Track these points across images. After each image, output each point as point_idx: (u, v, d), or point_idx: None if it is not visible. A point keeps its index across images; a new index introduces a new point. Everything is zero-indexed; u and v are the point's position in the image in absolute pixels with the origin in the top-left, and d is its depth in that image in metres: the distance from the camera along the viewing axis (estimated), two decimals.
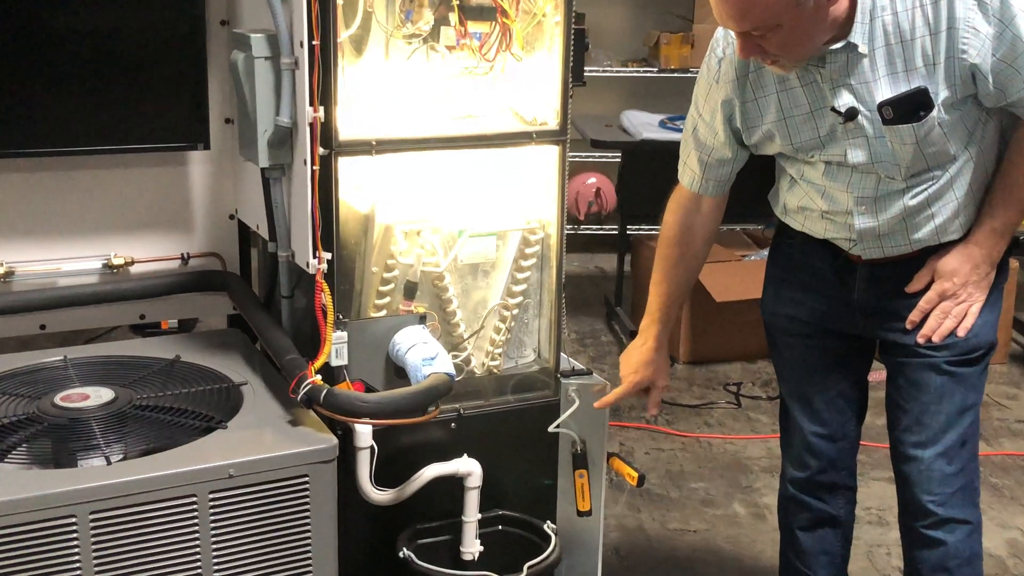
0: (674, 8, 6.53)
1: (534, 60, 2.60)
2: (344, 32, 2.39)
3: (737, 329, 5.05)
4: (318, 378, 2.35)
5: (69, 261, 2.84)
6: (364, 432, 2.42)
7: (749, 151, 2.51)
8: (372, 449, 2.44)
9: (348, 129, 2.42)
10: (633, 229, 5.70)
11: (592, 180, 6.29)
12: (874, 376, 2.63)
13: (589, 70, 5.89)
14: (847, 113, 2.25)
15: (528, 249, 2.71)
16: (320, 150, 2.38)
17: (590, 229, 6.46)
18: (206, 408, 2.44)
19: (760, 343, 2.90)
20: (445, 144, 2.55)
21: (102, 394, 2.43)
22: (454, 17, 2.46)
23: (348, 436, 2.42)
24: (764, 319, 2.68)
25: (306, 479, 2.30)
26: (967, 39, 2.15)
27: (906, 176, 2.30)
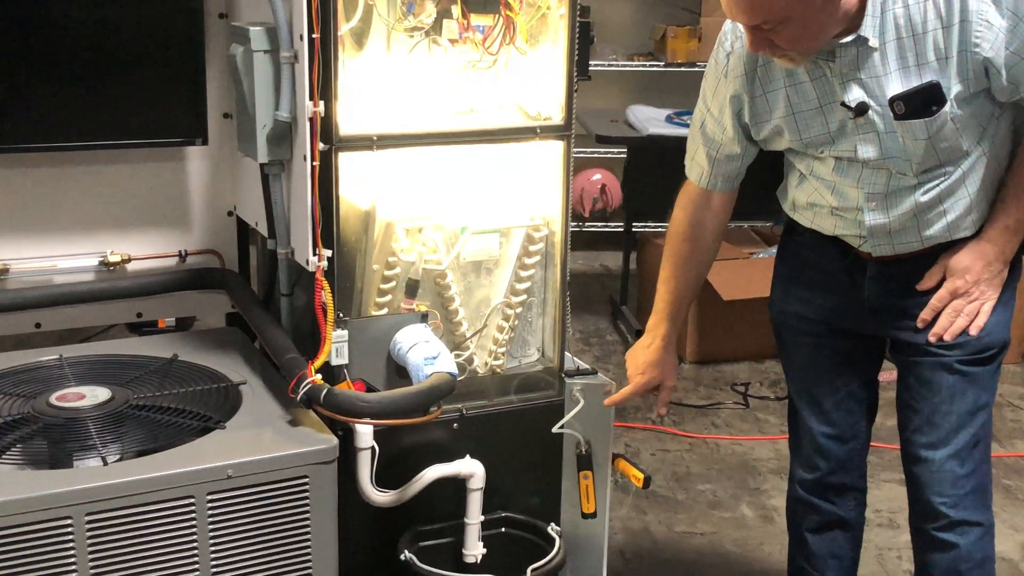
0: (681, 1, 6.52)
1: (538, 54, 2.59)
2: (344, 25, 2.39)
3: (745, 328, 5.04)
4: (318, 377, 2.35)
5: (65, 258, 2.84)
6: (365, 432, 2.42)
7: (758, 146, 2.51)
8: (373, 450, 2.44)
9: (348, 124, 2.42)
10: (639, 226, 5.69)
11: (597, 176, 6.30)
12: (884, 376, 2.63)
13: (594, 64, 5.88)
14: (857, 108, 2.25)
15: (532, 246, 2.71)
16: (320, 145, 2.38)
17: (595, 226, 6.46)
18: (204, 408, 2.44)
19: (768, 342, 2.90)
20: (447, 139, 2.55)
21: (98, 394, 2.43)
22: (457, 10, 2.46)
23: (349, 436, 2.43)
24: (772, 318, 2.68)
25: (306, 480, 2.30)
26: (980, 32, 2.15)
27: (918, 172, 2.30)
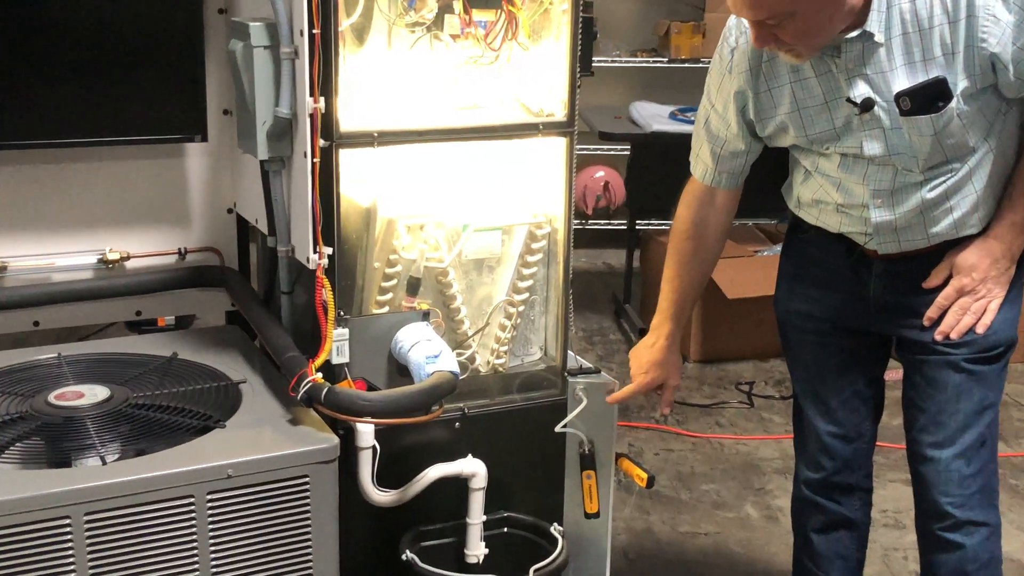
0: None
1: (541, 49, 2.59)
2: (345, 20, 2.39)
3: (749, 327, 5.04)
4: (319, 376, 2.35)
5: (63, 256, 2.84)
6: (366, 432, 2.42)
7: (763, 143, 2.50)
8: (374, 449, 2.44)
9: (349, 120, 2.42)
10: (642, 224, 5.68)
11: (600, 174, 6.28)
12: (890, 375, 2.63)
13: (597, 60, 5.88)
14: (863, 104, 2.25)
15: (534, 244, 2.71)
16: (320, 142, 2.38)
17: (598, 224, 6.45)
18: (204, 407, 2.44)
19: (773, 341, 2.90)
20: (449, 136, 2.55)
21: (97, 392, 2.43)
22: (458, 5, 2.46)
23: (350, 436, 2.43)
24: (777, 316, 2.68)
25: (306, 480, 2.30)
26: (987, 27, 2.14)
27: (924, 168, 2.29)
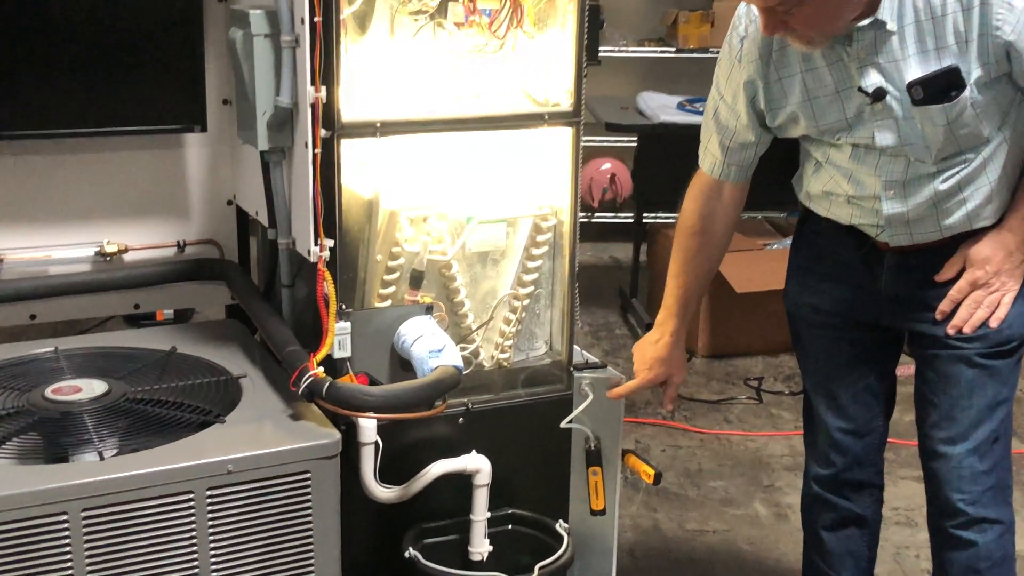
0: None
1: (546, 38, 2.59)
2: (347, 8, 2.39)
3: (758, 321, 5.04)
4: (320, 371, 2.35)
5: (60, 248, 2.84)
6: (368, 427, 2.42)
7: (772, 134, 2.50)
8: (376, 445, 2.44)
9: (351, 110, 2.42)
10: (650, 217, 5.69)
11: (607, 166, 6.29)
12: (902, 370, 2.63)
13: (604, 50, 5.88)
14: (875, 93, 2.25)
15: (540, 237, 2.71)
16: (322, 132, 2.37)
17: (604, 217, 6.46)
18: (203, 402, 2.45)
19: (782, 336, 2.90)
20: (453, 126, 2.55)
21: (95, 387, 2.43)
22: None
23: (352, 431, 2.43)
24: (787, 310, 2.68)
25: (308, 475, 2.31)
26: (1001, 15, 2.14)
27: (937, 159, 2.29)
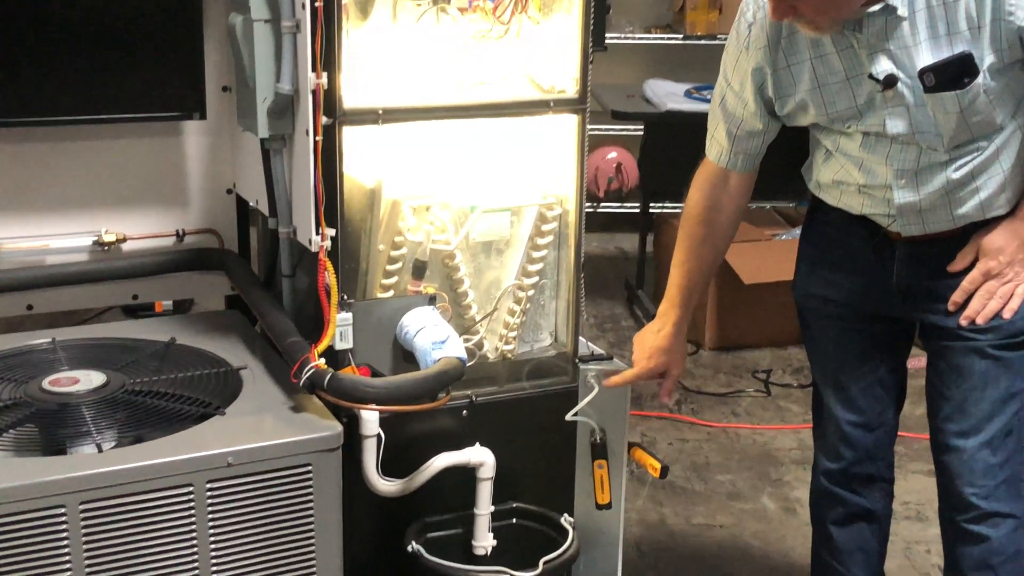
0: None
1: (552, 23, 2.59)
2: None
3: (767, 313, 5.04)
4: (322, 362, 2.36)
5: (57, 238, 2.84)
6: (370, 419, 2.43)
7: (781, 122, 2.50)
8: (379, 437, 2.45)
9: (353, 97, 2.42)
10: (656, 207, 5.68)
11: (613, 155, 6.28)
12: (913, 363, 2.62)
13: (610, 37, 5.87)
14: (886, 80, 2.24)
15: (544, 226, 2.71)
16: (323, 119, 2.37)
17: (610, 207, 6.45)
18: (203, 393, 2.45)
19: (791, 328, 2.90)
20: (456, 113, 2.55)
21: (93, 378, 2.44)
22: None
23: (354, 423, 2.43)
24: (796, 301, 2.68)
25: (309, 468, 2.31)
26: (1014, 1, 2.14)
27: (949, 147, 2.29)
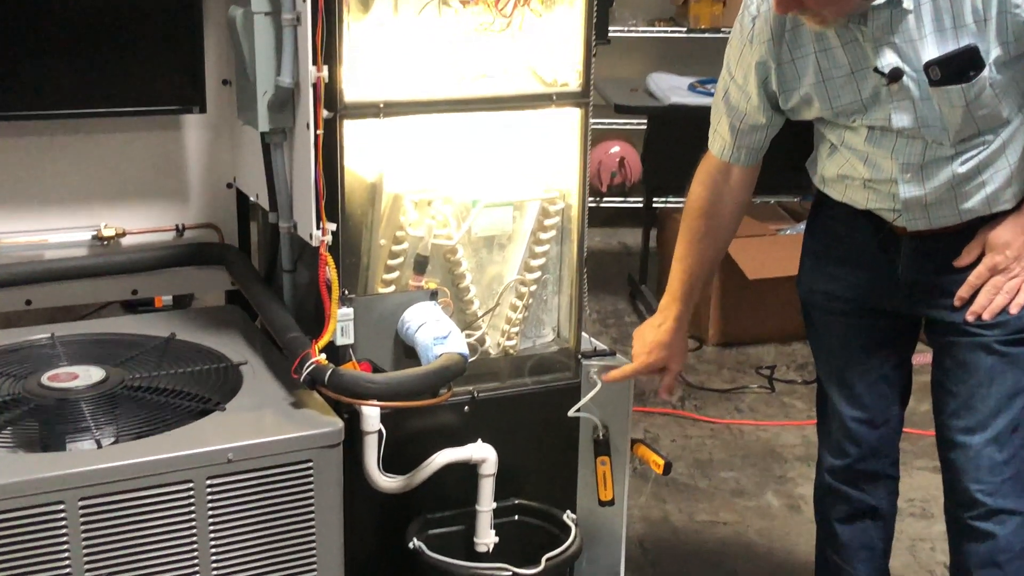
0: None
1: (554, 16, 2.59)
2: None
3: (771, 308, 5.04)
4: (322, 357, 2.35)
5: (56, 232, 2.84)
6: (372, 415, 2.43)
7: (784, 116, 2.50)
8: (380, 433, 2.45)
9: (354, 90, 2.42)
10: (659, 202, 5.68)
11: (616, 149, 6.28)
12: (919, 359, 2.62)
13: (613, 30, 5.86)
14: (891, 74, 2.24)
15: (547, 221, 2.71)
16: (324, 113, 2.37)
17: (613, 202, 6.45)
18: (203, 389, 2.45)
19: (795, 323, 2.89)
20: (458, 106, 2.55)
21: (92, 374, 2.43)
22: None
23: (354, 419, 2.43)
24: (800, 296, 2.68)
25: (310, 465, 2.31)
26: None
27: (955, 141, 2.29)
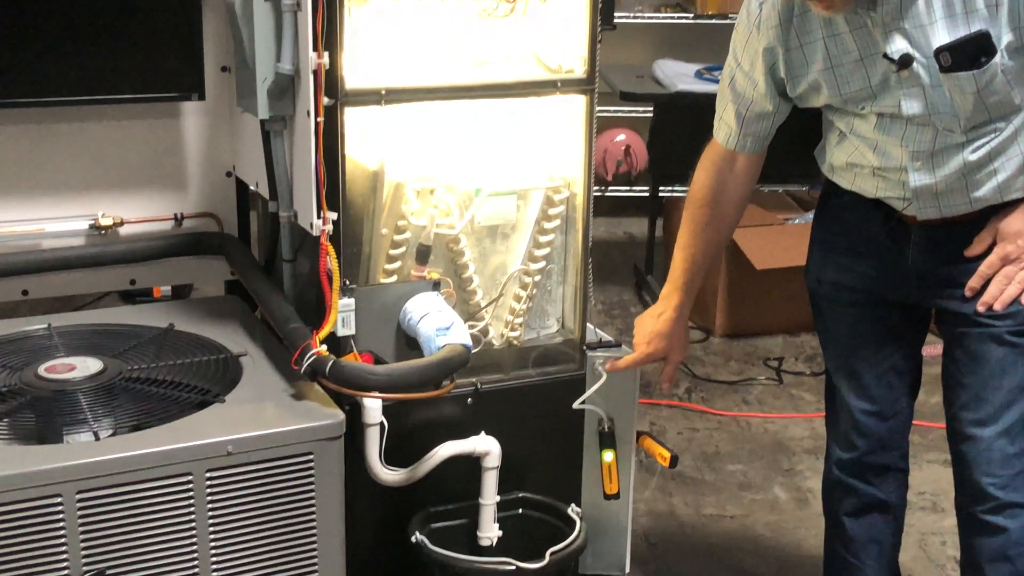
0: None
1: (559, 2, 2.59)
2: None
3: (779, 299, 5.03)
4: (323, 349, 2.36)
5: (53, 221, 2.85)
6: (373, 407, 2.43)
7: (791, 104, 2.49)
8: (382, 426, 2.45)
9: (355, 77, 2.42)
10: (666, 191, 5.67)
11: (621, 137, 6.27)
12: (929, 351, 2.62)
13: (619, 16, 5.85)
14: (901, 60, 2.24)
15: (551, 210, 2.71)
16: (324, 100, 2.38)
17: (619, 191, 6.44)
18: (202, 381, 2.45)
19: (804, 314, 2.89)
20: (461, 93, 2.55)
21: (89, 365, 2.44)
22: None
23: (356, 411, 2.44)
24: (808, 286, 2.68)
25: (311, 457, 2.32)
26: None
27: (966, 128, 2.28)
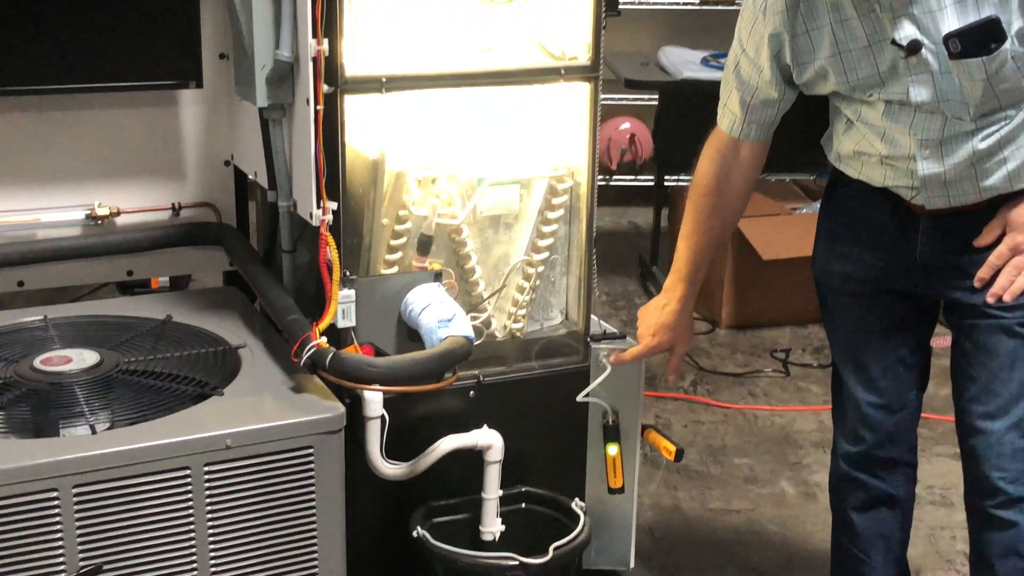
0: None
1: None
2: None
3: (786, 290, 5.03)
4: (323, 341, 2.36)
5: (49, 211, 2.85)
6: (374, 400, 2.43)
7: (797, 91, 2.49)
8: (383, 419, 2.45)
9: (355, 64, 2.42)
10: (671, 180, 5.67)
11: (626, 125, 6.26)
12: (938, 342, 2.62)
13: (624, 2, 5.84)
14: (909, 46, 2.23)
15: (555, 199, 2.71)
16: (324, 87, 2.37)
17: (623, 180, 6.44)
18: (200, 373, 2.46)
19: (811, 305, 2.89)
20: (463, 81, 2.55)
21: (86, 357, 2.44)
22: None
23: (356, 404, 2.44)
24: (815, 277, 2.68)
25: (310, 451, 2.32)
26: None
27: (975, 116, 2.28)
